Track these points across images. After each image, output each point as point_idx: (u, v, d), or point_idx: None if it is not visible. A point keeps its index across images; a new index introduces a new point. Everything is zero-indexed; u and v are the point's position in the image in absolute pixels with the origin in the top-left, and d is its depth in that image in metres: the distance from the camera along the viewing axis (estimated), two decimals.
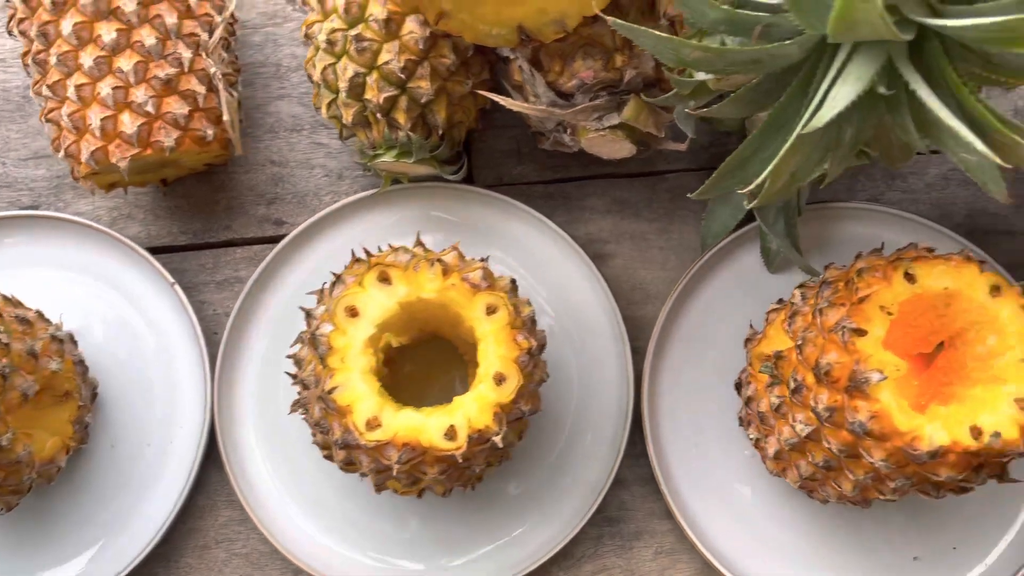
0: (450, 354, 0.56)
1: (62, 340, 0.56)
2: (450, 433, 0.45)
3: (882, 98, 0.38)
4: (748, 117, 0.56)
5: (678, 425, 0.60)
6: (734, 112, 0.44)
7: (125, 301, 0.62)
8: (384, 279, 0.47)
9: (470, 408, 0.45)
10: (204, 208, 0.66)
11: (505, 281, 0.50)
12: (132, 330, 0.62)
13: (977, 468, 0.44)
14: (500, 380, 0.46)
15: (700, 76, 0.45)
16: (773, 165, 0.39)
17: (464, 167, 0.60)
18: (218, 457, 0.60)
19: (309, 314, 0.49)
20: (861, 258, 0.49)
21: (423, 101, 0.55)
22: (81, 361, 0.58)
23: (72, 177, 0.59)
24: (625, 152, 0.57)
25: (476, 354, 0.47)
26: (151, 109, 0.55)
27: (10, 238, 0.63)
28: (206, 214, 0.66)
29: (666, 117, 0.55)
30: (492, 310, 0.47)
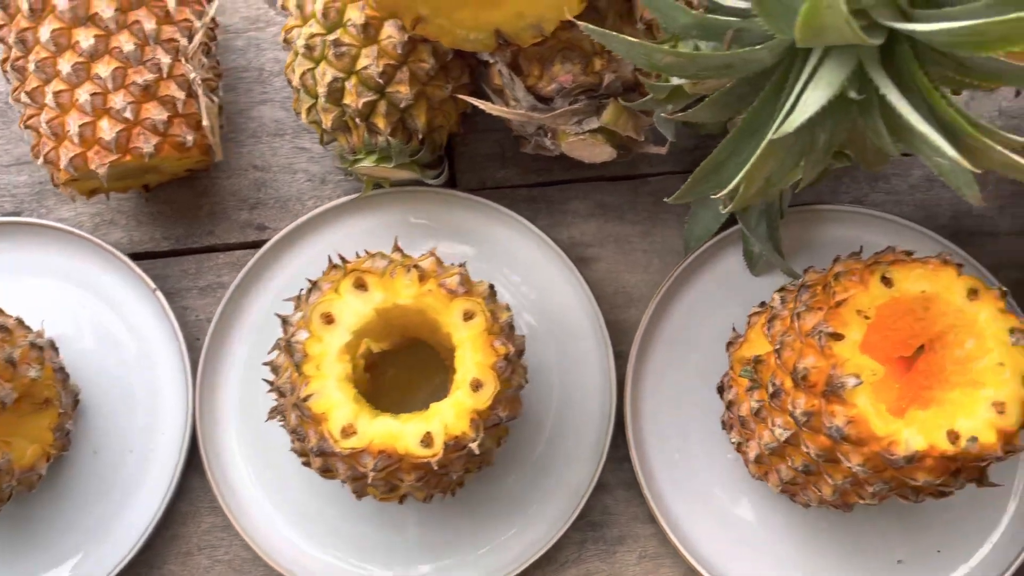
0: (436, 358, 0.56)
1: (42, 347, 0.56)
2: (426, 440, 0.44)
3: (854, 102, 0.38)
4: (730, 120, 0.56)
5: (661, 429, 0.60)
6: (710, 116, 0.44)
7: (107, 307, 0.62)
8: (360, 285, 0.47)
9: (447, 415, 0.45)
10: (187, 213, 0.65)
11: (483, 286, 0.49)
12: (114, 337, 0.62)
13: (955, 472, 0.44)
14: (477, 386, 0.46)
15: (675, 81, 0.45)
16: (746, 169, 0.39)
17: (445, 171, 0.60)
18: (201, 463, 0.59)
19: (285, 321, 0.48)
20: (839, 262, 0.49)
21: (402, 106, 0.55)
22: (61, 368, 0.58)
23: (52, 183, 0.59)
24: (605, 156, 0.57)
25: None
26: (129, 115, 0.55)
27: None
28: (189, 219, 0.65)
29: (646, 121, 0.55)
30: (469, 316, 0.47)
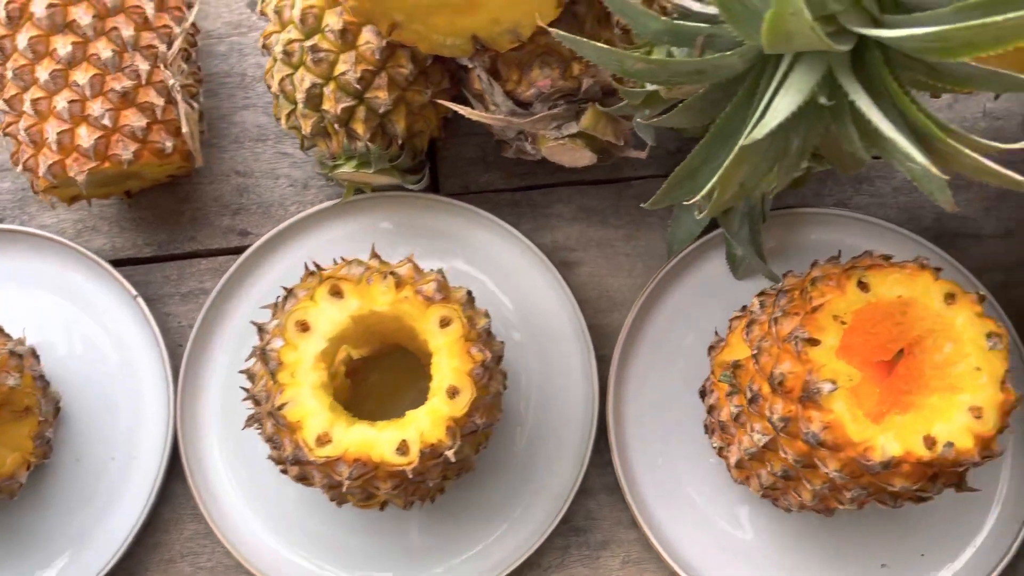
0: (420, 363, 0.56)
1: (21, 355, 0.55)
2: (402, 448, 0.44)
3: (826, 108, 0.38)
4: (711, 124, 0.56)
5: (644, 433, 0.59)
6: (685, 121, 0.44)
7: (89, 314, 0.62)
8: (336, 293, 0.47)
9: (423, 422, 0.45)
10: (169, 219, 0.65)
11: (461, 293, 0.49)
12: (96, 343, 0.62)
13: (933, 478, 0.44)
14: (453, 393, 0.46)
15: (650, 86, 0.45)
16: (719, 175, 0.39)
17: (426, 176, 0.60)
18: (183, 470, 0.59)
19: (261, 328, 0.48)
20: (816, 266, 0.49)
21: (381, 111, 0.55)
22: (41, 376, 0.58)
23: (32, 191, 0.58)
24: (586, 160, 0.56)
25: None
26: (108, 122, 0.55)
27: None
28: (171, 225, 0.65)
29: (626, 125, 0.55)
30: (446, 323, 0.47)
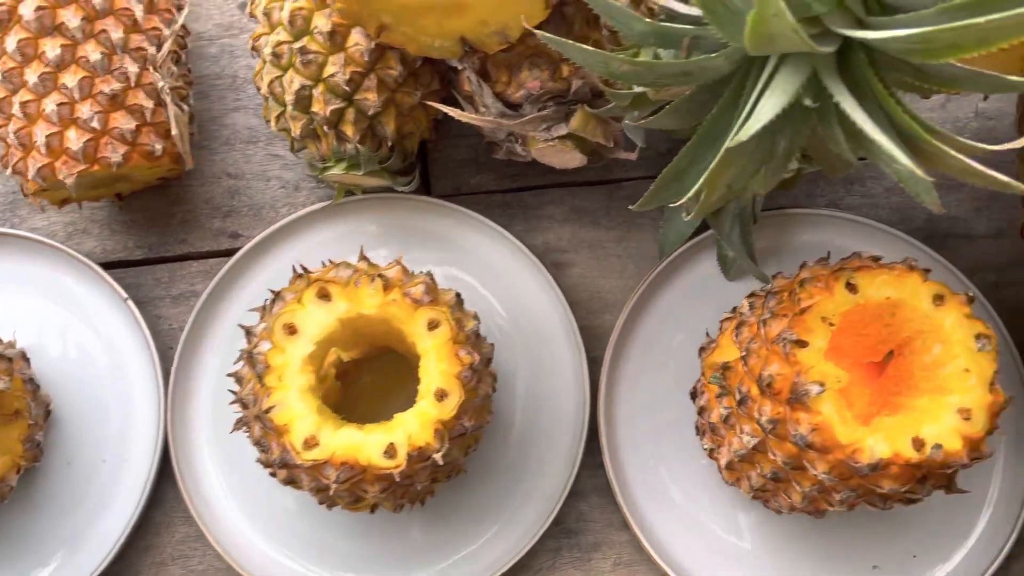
0: (412, 365, 0.56)
1: (11, 359, 0.55)
2: (390, 451, 0.44)
3: (813, 110, 0.38)
4: (700, 125, 0.56)
5: (635, 434, 0.59)
6: (672, 123, 0.44)
7: (80, 317, 0.62)
8: (324, 296, 0.46)
9: (411, 425, 0.45)
10: (160, 222, 0.65)
11: (450, 295, 0.49)
12: (86, 346, 0.62)
13: (922, 480, 0.44)
14: (442, 396, 0.45)
15: (637, 88, 0.45)
16: (705, 177, 0.39)
17: (416, 178, 0.60)
18: (174, 473, 0.59)
19: (249, 332, 0.48)
20: (805, 268, 0.49)
21: (371, 113, 0.54)
22: (32, 379, 0.58)
23: (22, 193, 0.58)
24: (576, 162, 0.56)
25: None
26: (97, 125, 0.55)
27: None
28: (162, 228, 0.65)
29: (615, 127, 0.55)
30: (434, 325, 0.46)
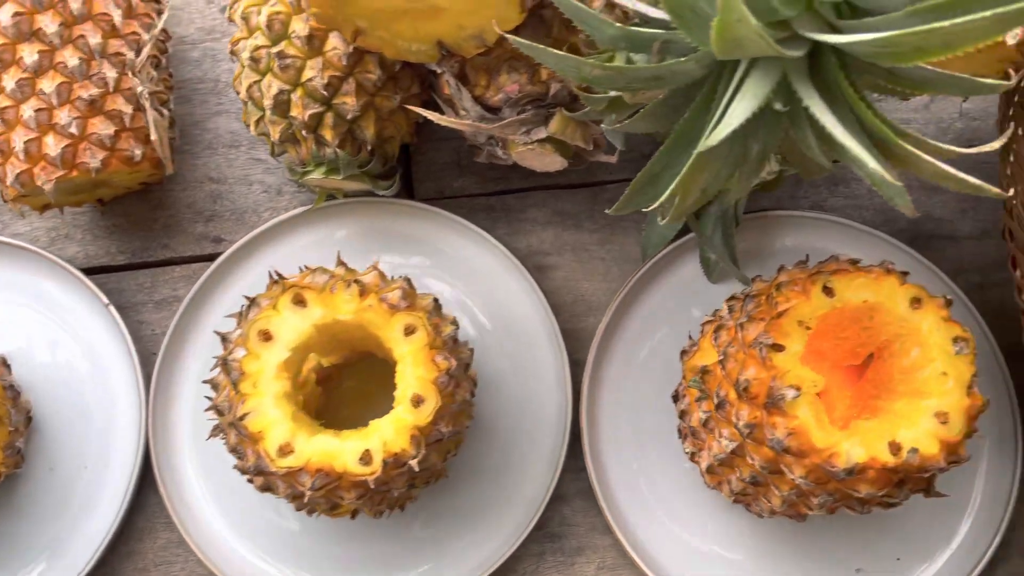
0: (393, 370, 0.56)
1: None
2: (365, 458, 0.44)
3: (784, 114, 0.38)
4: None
5: (618, 438, 0.59)
6: (647, 127, 0.44)
7: (61, 323, 0.62)
8: (299, 302, 0.46)
9: (386, 432, 0.45)
10: (142, 227, 0.65)
11: (427, 300, 0.49)
12: (68, 352, 0.62)
13: (899, 484, 0.44)
14: (418, 402, 0.45)
15: (612, 92, 0.44)
16: (677, 181, 0.38)
17: (397, 182, 0.60)
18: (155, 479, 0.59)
19: (224, 338, 0.48)
20: (783, 271, 0.49)
21: (349, 117, 0.54)
22: (12, 386, 0.58)
23: (2, 199, 0.58)
24: (557, 165, 0.56)
25: None
26: (75, 130, 0.55)
27: None
28: (144, 232, 0.65)
29: (595, 130, 0.55)
30: (410, 331, 0.46)
